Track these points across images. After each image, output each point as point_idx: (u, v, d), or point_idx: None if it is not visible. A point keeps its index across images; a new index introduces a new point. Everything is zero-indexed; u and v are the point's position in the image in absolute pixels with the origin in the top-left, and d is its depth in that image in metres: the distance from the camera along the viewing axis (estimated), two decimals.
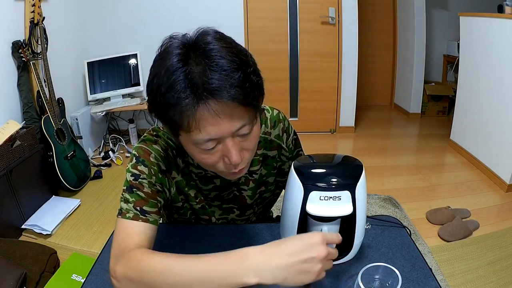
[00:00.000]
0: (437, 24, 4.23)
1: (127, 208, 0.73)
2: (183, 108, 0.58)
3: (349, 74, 3.53)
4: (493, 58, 2.63)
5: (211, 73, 0.57)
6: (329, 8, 3.34)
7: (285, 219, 0.76)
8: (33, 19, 2.38)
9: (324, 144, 3.50)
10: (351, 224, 0.73)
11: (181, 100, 0.58)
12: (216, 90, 0.57)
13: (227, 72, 0.58)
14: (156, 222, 0.75)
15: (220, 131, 0.61)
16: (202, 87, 0.57)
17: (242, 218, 0.96)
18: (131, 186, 0.75)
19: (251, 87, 0.60)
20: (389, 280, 0.63)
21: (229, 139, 0.63)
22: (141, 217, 0.73)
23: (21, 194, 2.06)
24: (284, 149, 0.91)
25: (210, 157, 0.66)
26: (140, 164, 0.76)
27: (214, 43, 0.60)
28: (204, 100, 0.57)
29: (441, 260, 1.83)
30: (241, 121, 0.62)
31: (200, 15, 3.30)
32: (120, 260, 0.66)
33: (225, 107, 0.58)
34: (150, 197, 0.75)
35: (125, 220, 0.72)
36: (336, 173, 0.73)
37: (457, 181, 2.68)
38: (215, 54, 0.58)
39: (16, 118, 2.28)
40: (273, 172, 0.93)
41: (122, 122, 3.50)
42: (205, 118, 0.59)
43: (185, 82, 0.57)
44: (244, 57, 0.62)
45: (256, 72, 0.63)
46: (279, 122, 0.89)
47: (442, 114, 4.15)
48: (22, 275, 1.39)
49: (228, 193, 0.90)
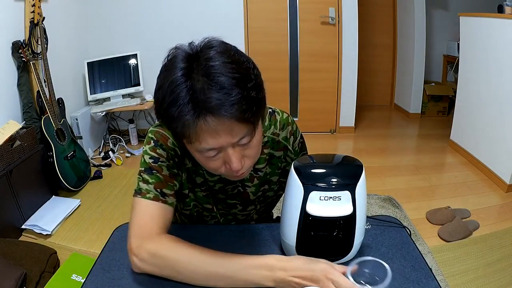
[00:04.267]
0: (437, 24, 4.23)
1: (147, 188, 0.78)
2: (184, 122, 0.61)
3: (349, 74, 3.53)
4: (493, 58, 2.63)
5: (210, 91, 0.59)
6: (329, 8, 3.34)
7: (285, 219, 0.77)
8: (33, 19, 2.38)
9: (324, 144, 3.50)
10: (351, 224, 0.73)
11: (182, 115, 0.61)
12: (214, 108, 0.59)
13: (226, 90, 0.60)
14: (173, 205, 0.80)
15: (219, 142, 0.64)
16: (202, 104, 0.60)
17: (243, 213, 0.97)
18: (150, 168, 0.80)
19: (250, 103, 0.62)
20: (379, 274, 0.63)
21: (230, 148, 0.66)
22: (161, 198, 0.77)
23: (21, 194, 2.06)
24: (290, 151, 0.93)
25: (213, 163, 0.70)
26: (158, 148, 0.81)
27: (216, 59, 0.62)
28: (203, 116, 0.60)
29: (441, 260, 1.83)
30: (240, 134, 0.65)
31: (200, 15, 3.30)
32: (146, 242, 0.71)
33: (223, 124, 0.61)
34: (168, 180, 0.80)
35: (145, 200, 0.76)
36: (336, 173, 0.73)
37: (457, 181, 2.68)
38: (216, 72, 0.60)
39: (16, 118, 2.28)
40: (278, 172, 0.95)
41: (122, 122, 3.50)
42: (204, 131, 0.62)
43: (186, 98, 0.60)
44: (246, 71, 0.63)
45: (257, 86, 0.64)
46: (287, 125, 0.92)
47: (442, 114, 4.15)
48: (22, 275, 1.39)
49: (232, 188, 0.91)
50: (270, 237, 0.86)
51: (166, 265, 0.70)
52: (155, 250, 0.70)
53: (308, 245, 0.75)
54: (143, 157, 0.82)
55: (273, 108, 0.91)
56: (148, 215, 0.76)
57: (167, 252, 0.70)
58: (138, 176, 0.80)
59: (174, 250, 0.70)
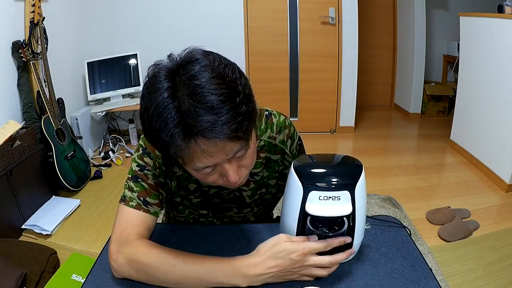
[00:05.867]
0: (437, 24, 4.23)
1: (131, 196, 0.79)
2: (176, 147, 0.59)
3: (349, 74, 3.53)
4: (493, 58, 2.63)
5: (198, 113, 0.56)
6: (329, 8, 3.34)
7: (284, 219, 0.77)
8: (33, 19, 2.38)
9: (324, 144, 3.50)
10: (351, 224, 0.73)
11: (173, 140, 0.58)
12: (205, 131, 0.57)
13: (215, 110, 0.57)
14: (156, 214, 0.81)
15: (214, 161, 0.63)
16: (192, 128, 0.57)
17: (239, 216, 0.97)
18: (136, 176, 0.81)
19: (241, 120, 0.59)
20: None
21: (226, 163, 0.65)
22: (143, 207, 0.78)
23: (21, 194, 2.06)
24: (287, 154, 0.93)
25: (210, 178, 0.69)
26: (146, 156, 0.81)
27: (201, 76, 0.58)
28: (195, 139, 0.58)
29: (441, 260, 1.83)
30: (234, 150, 0.63)
31: (200, 15, 3.30)
32: (124, 247, 0.73)
33: (215, 145, 0.59)
34: (153, 189, 0.81)
35: (128, 208, 0.78)
36: (335, 173, 0.73)
37: (457, 181, 2.68)
38: (202, 91, 0.57)
39: (16, 118, 2.28)
40: (275, 175, 0.94)
41: (122, 122, 3.50)
42: (198, 153, 0.60)
43: (175, 121, 0.57)
44: (233, 83, 0.60)
45: (246, 98, 0.61)
46: (284, 128, 0.90)
47: (442, 114, 4.15)
48: (22, 275, 1.39)
49: (228, 193, 0.91)
50: (270, 237, 0.86)
51: (141, 269, 0.71)
52: (131, 255, 0.71)
53: None
54: (131, 164, 0.82)
55: (270, 110, 0.90)
56: (129, 222, 0.77)
57: (142, 256, 0.71)
58: (125, 183, 0.81)
59: (149, 255, 0.71)
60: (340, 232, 0.74)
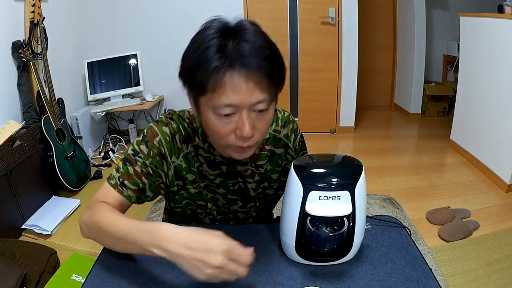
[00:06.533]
0: (437, 24, 4.23)
1: (114, 175, 0.84)
2: (213, 68, 0.63)
3: (349, 74, 3.53)
4: (493, 58, 2.63)
5: (242, 44, 0.64)
6: (329, 8, 3.34)
7: (284, 218, 0.77)
8: (33, 19, 2.38)
9: (324, 144, 3.50)
10: (351, 224, 0.73)
11: (212, 61, 0.63)
12: (246, 58, 0.63)
13: (258, 46, 0.65)
14: (129, 199, 0.83)
15: (240, 98, 0.66)
16: (234, 53, 0.63)
17: (243, 210, 0.97)
18: (127, 158, 0.84)
19: (278, 65, 0.68)
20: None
21: (245, 111, 0.68)
22: (118, 187, 0.82)
23: (21, 194, 2.06)
24: (290, 148, 0.94)
25: (224, 127, 0.70)
26: (143, 143, 0.83)
27: (250, 28, 0.67)
28: (233, 65, 0.63)
29: (441, 260, 1.83)
30: (262, 95, 0.67)
31: (200, 15, 3.28)
32: (87, 209, 0.80)
33: (251, 75, 0.64)
34: (136, 176, 0.82)
35: (107, 184, 0.83)
36: (335, 173, 0.73)
37: (457, 181, 2.68)
38: (249, 33, 0.66)
39: (16, 118, 2.28)
40: (278, 170, 0.95)
41: (122, 122, 3.50)
42: (228, 84, 0.64)
43: (219, 48, 0.64)
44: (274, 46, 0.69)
45: (282, 61, 0.70)
46: (289, 123, 0.93)
47: (442, 114, 4.15)
48: (22, 275, 1.39)
49: (233, 183, 0.91)
50: (270, 237, 0.86)
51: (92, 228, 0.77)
52: (88, 216, 0.78)
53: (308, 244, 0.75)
54: (129, 147, 0.86)
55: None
56: (104, 196, 0.82)
57: (97, 217, 0.76)
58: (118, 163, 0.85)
59: (101, 214, 0.75)
60: (340, 232, 0.74)
